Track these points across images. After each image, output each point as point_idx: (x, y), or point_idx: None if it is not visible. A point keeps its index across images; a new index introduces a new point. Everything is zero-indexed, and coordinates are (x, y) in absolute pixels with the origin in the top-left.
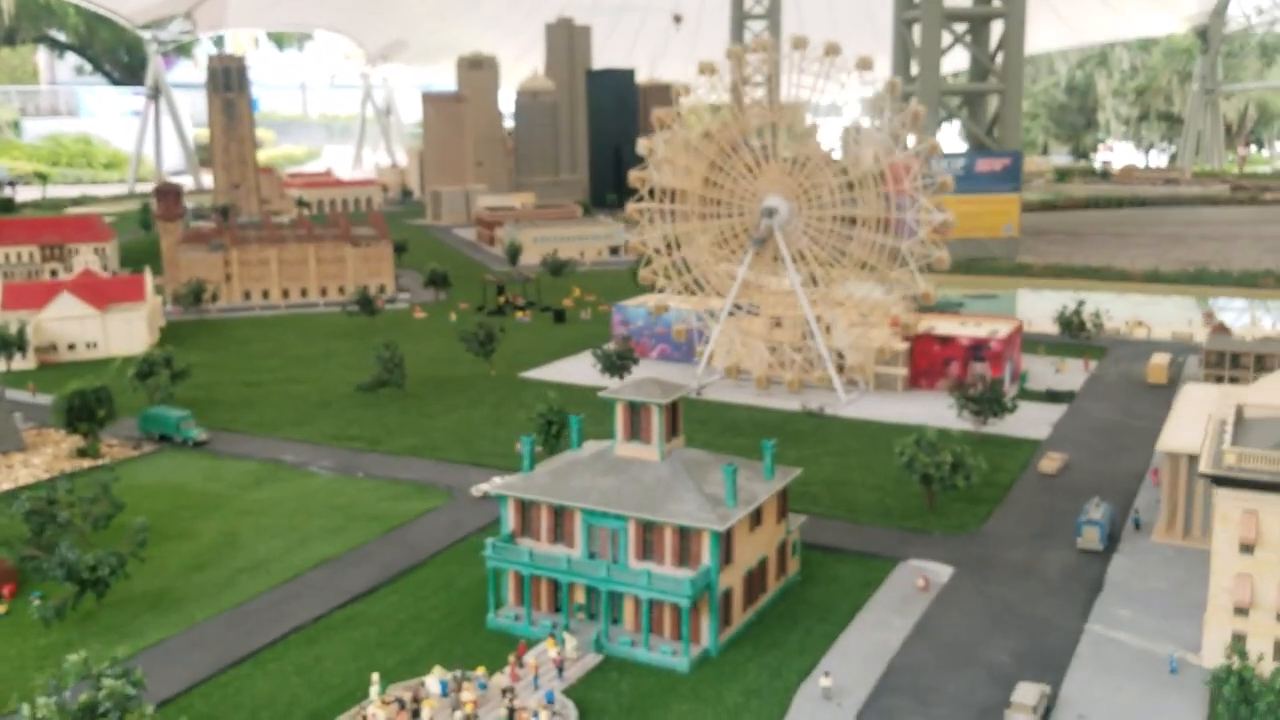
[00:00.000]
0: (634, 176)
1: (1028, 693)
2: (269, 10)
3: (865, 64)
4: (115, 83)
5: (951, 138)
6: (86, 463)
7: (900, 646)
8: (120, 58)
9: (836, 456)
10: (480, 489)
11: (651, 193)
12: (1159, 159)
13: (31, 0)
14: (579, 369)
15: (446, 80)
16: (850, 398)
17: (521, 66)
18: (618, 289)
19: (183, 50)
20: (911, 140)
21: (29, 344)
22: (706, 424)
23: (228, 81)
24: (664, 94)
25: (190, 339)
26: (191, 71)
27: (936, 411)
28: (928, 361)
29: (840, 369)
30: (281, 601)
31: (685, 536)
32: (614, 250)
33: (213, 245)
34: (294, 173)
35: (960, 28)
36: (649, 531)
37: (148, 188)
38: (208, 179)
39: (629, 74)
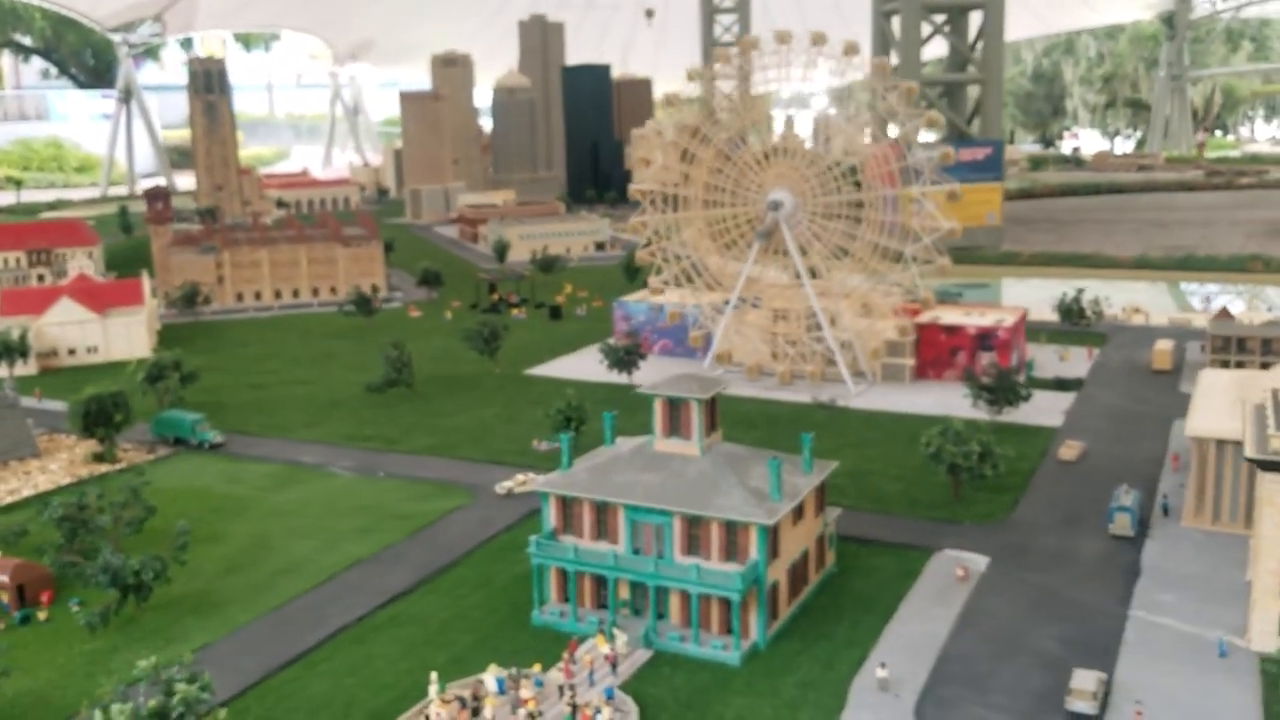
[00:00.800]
0: (634, 190)
1: (1085, 679)
2: (238, 12)
3: (852, 49)
4: (82, 86)
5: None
6: (104, 468)
7: (948, 636)
8: (87, 61)
9: (855, 448)
10: (504, 487)
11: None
12: (1124, 145)
13: None
14: (583, 365)
15: (413, 79)
16: (859, 389)
17: (491, 63)
18: (609, 285)
19: (150, 53)
20: (894, 127)
21: (31, 349)
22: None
23: (209, 83)
24: (639, 89)
25: (188, 342)
26: (158, 73)
27: (946, 401)
28: (934, 351)
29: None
30: (322, 603)
31: (732, 531)
32: (599, 246)
33: (203, 248)
34: (270, 173)
35: (939, 18)
36: (695, 526)
37: (121, 191)
38: (181, 181)
39: (604, 69)
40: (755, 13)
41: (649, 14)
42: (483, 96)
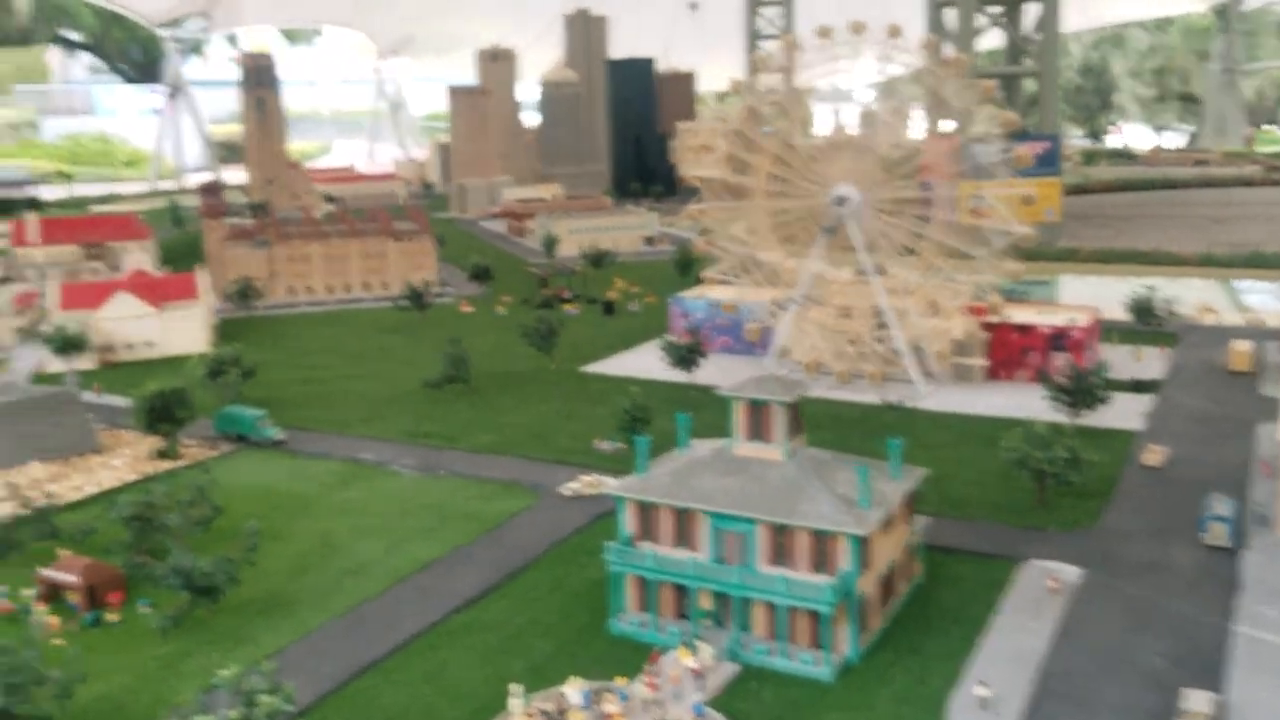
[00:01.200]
0: (692, 176)
1: (1199, 700)
2: (284, 6)
3: (895, 30)
4: (129, 81)
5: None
6: (167, 464)
7: (1047, 650)
8: (134, 56)
9: (928, 450)
10: (571, 488)
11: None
12: (1174, 140)
13: (46, 1)
14: (642, 362)
15: (454, 73)
16: (928, 390)
17: (533, 57)
18: (660, 280)
19: (195, 48)
20: (949, 110)
21: (89, 344)
22: None
23: (259, 79)
24: (682, 82)
25: (243, 337)
26: (203, 69)
27: (1020, 402)
28: (1006, 351)
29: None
30: (393, 606)
31: (821, 540)
32: (648, 240)
33: (257, 242)
34: (317, 168)
35: (994, 10)
36: (781, 535)
37: (169, 185)
38: (227, 175)
39: (648, 63)
40: (799, 5)
41: (693, 6)
42: (525, 90)
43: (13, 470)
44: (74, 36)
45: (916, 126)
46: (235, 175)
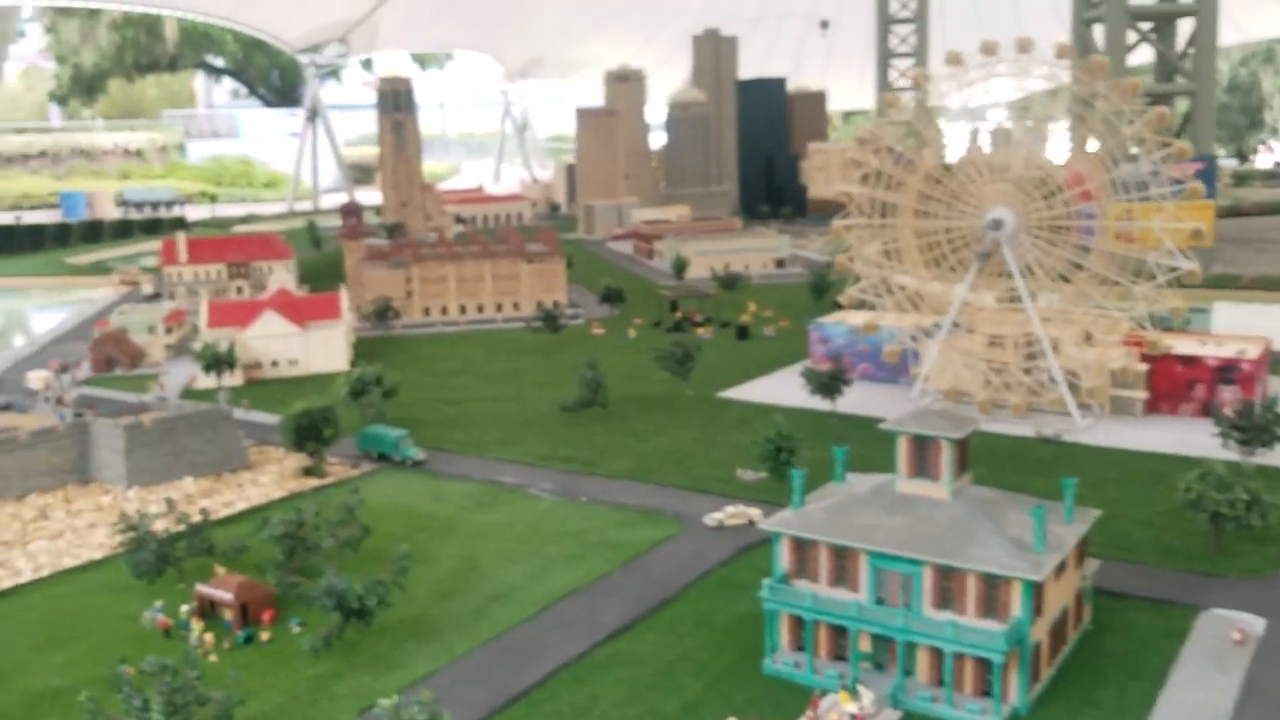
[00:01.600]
0: (841, 192)
1: None
2: (417, 32)
3: (1065, 51)
4: (268, 105)
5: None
6: (313, 482)
7: (1234, 710)
8: (273, 81)
9: (1092, 488)
10: (714, 518)
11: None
12: None
13: (193, 29)
14: (780, 389)
15: (580, 95)
16: (1086, 423)
17: (659, 78)
18: (793, 304)
19: (332, 73)
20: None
21: (237, 361)
22: None
23: (396, 103)
24: (813, 102)
25: (381, 356)
26: (338, 93)
27: (1186, 438)
28: (1169, 384)
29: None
30: (540, 634)
31: (992, 585)
32: (779, 263)
33: (393, 263)
34: (447, 189)
35: (1144, 26)
36: (948, 578)
37: (306, 206)
38: (361, 197)
39: (780, 83)
40: (933, 23)
41: (824, 25)
42: (652, 112)
43: (166, 485)
44: (217, 63)
45: (1058, 146)
46: (367, 196)
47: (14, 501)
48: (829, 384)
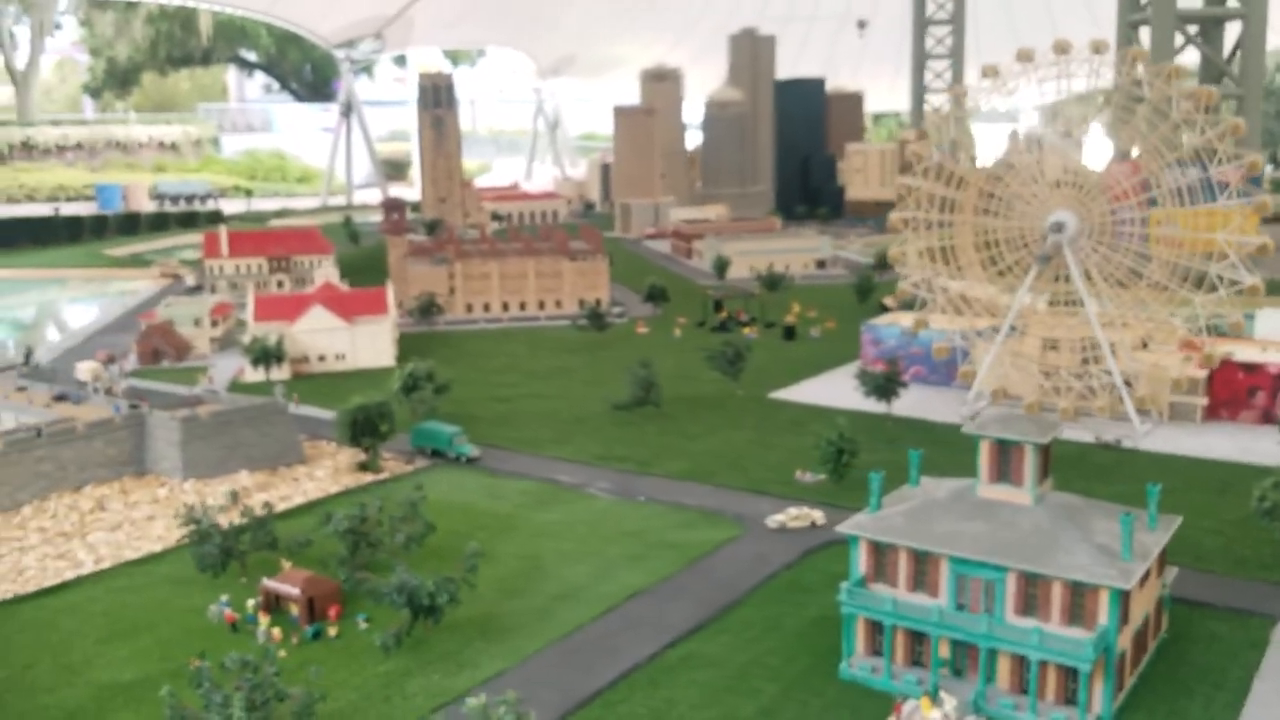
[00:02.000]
0: (900, 183)
1: None
2: (451, 29)
3: (1101, 46)
4: (300, 100)
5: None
6: (368, 477)
7: None
8: (305, 76)
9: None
10: (776, 520)
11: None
12: None
13: (227, 23)
14: (832, 390)
15: (613, 93)
16: (1146, 429)
17: (692, 77)
18: (837, 305)
19: (365, 69)
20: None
21: (286, 355)
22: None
23: (437, 98)
24: (849, 102)
25: (426, 352)
26: (370, 88)
27: (1246, 445)
28: (1230, 391)
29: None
30: (608, 635)
31: (1079, 593)
32: (820, 264)
33: (436, 259)
34: (483, 186)
35: (1191, 29)
36: (1033, 585)
37: (339, 201)
38: (393, 192)
39: (819, 83)
40: (969, 25)
41: (861, 25)
42: (688, 111)
43: (221, 478)
44: (250, 57)
45: (1096, 150)
46: (399, 192)
47: (71, 493)
48: (884, 386)
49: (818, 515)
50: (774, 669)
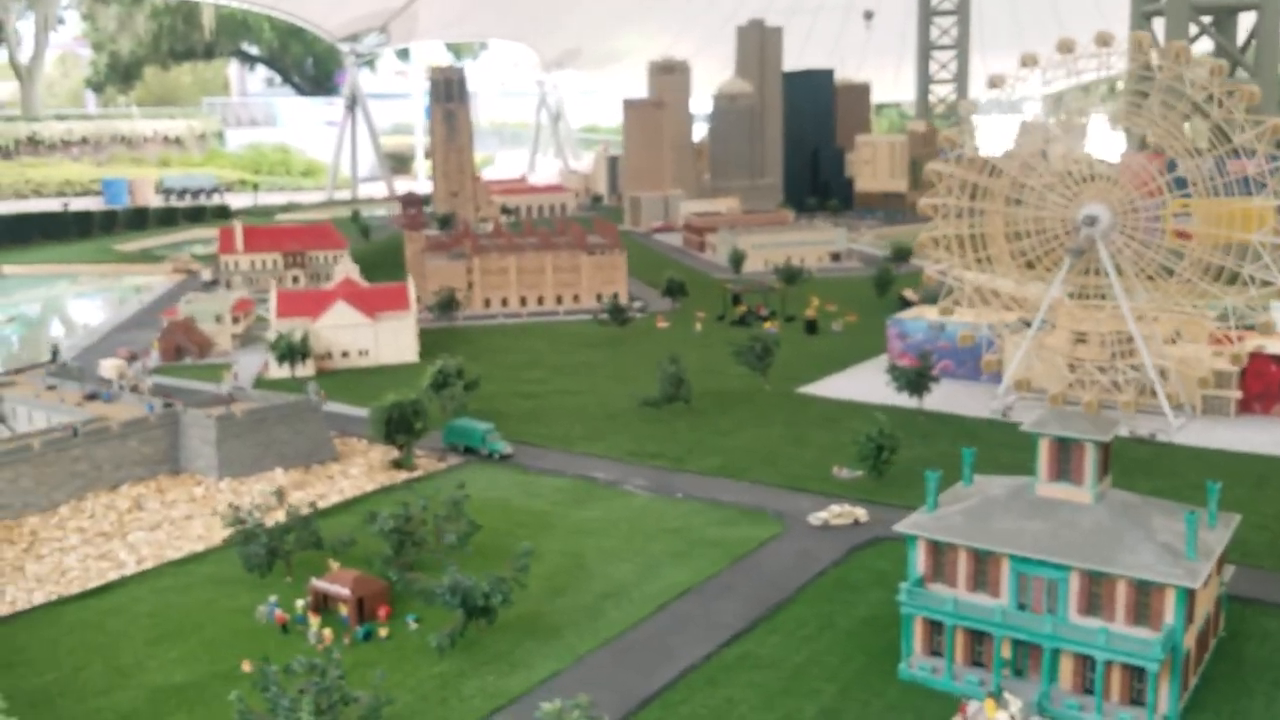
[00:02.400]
0: (930, 169)
1: None
2: (455, 23)
3: (1105, 39)
4: (302, 93)
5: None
6: (403, 475)
7: None
8: (307, 70)
9: (1194, 490)
10: (819, 518)
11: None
12: None
13: (230, 17)
14: (860, 385)
15: (613, 86)
16: (1180, 423)
17: (698, 69)
18: (855, 298)
19: (368, 62)
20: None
21: (311, 352)
22: (1014, 448)
23: (449, 92)
24: (856, 93)
25: (448, 348)
26: (373, 81)
27: None
28: (1263, 384)
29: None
30: (661, 634)
31: (1145, 592)
32: (835, 256)
33: (453, 254)
34: (491, 180)
35: (1205, 19)
36: (1096, 584)
37: (344, 195)
38: (398, 186)
39: (827, 75)
40: (974, 15)
41: (868, 15)
42: (695, 103)
43: (256, 476)
44: (252, 50)
45: (1107, 141)
46: (403, 186)
47: (108, 492)
48: (917, 381)
49: (860, 513)
50: (831, 669)
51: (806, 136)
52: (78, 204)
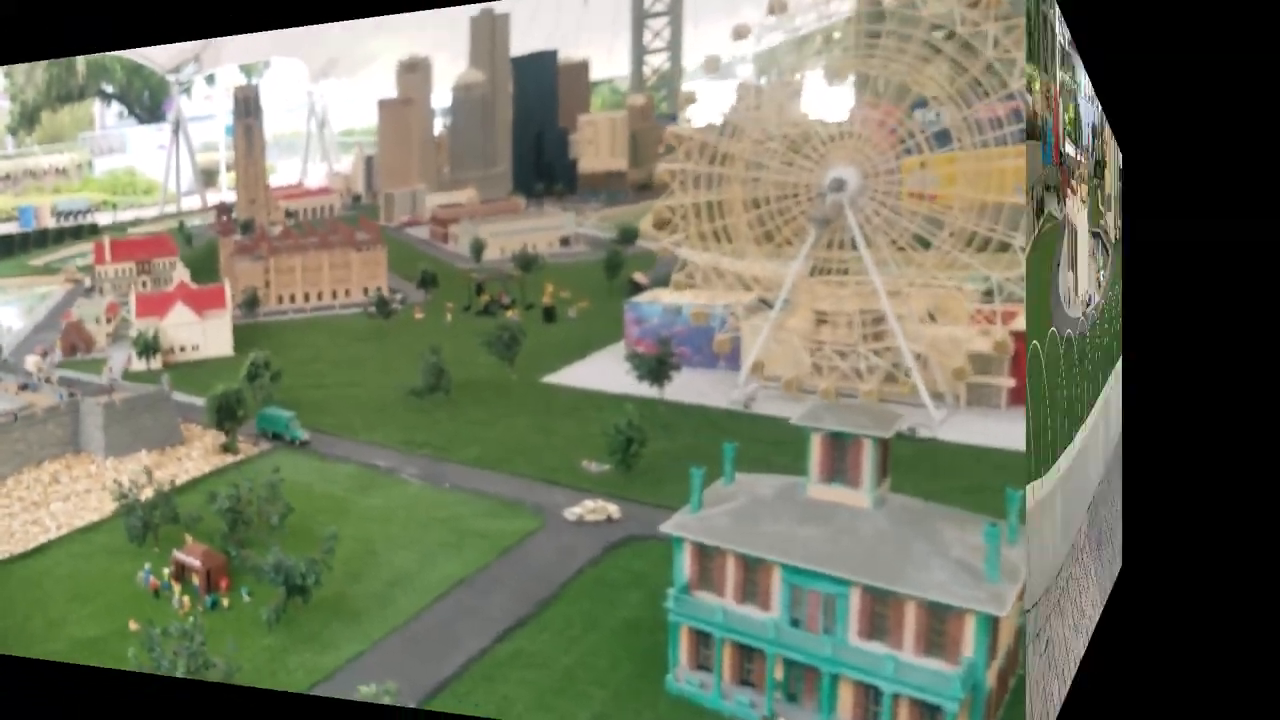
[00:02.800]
0: (670, 133)
1: None
2: (249, 48)
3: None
4: (142, 122)
5: None
6: (230, 458)
7: None
8: (145, 101)
9: (970, 495)
10: (574, 513)
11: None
12: None
13: (94, 61)
14: (601, 374)
15: (374, 88)
16: (942, 415)
17: (441, 62)
18: (587, 283)
19: (186, 89)
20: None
21: (160, 347)
22: (760, 442)
23: (247, 109)
24: (575, 72)
25: (252, 343)
26: (188, 106)
27: None
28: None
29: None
30: (443, 625)
31: (939, 616)
32: (564, 241)
33: (254, 256)
34: (275, 187)
35: None
36: (882, 603)
37: (170, 209)
38: (210, 198)
39: (550, 55)
40: None
41: None
42: (440, 98)
43: (130, 457)
44: (108, 89)
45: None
46: (214, 197)
47: (34, 468)
48: (657, 369)
49: (613, 509)
50: (601, 674)
51: (532, 121)
52: (3, 229)
